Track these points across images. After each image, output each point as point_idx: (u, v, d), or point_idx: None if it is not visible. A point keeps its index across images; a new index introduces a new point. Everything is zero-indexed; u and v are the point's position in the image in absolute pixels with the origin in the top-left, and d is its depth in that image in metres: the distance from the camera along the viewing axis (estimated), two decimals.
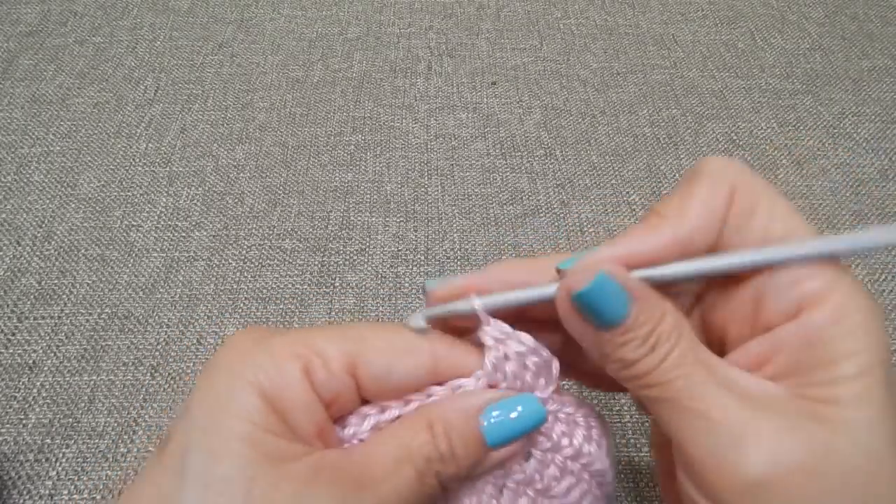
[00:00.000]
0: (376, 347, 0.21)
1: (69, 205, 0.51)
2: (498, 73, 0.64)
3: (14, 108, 0.59)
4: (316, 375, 0.20)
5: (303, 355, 0.20)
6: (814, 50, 0.67)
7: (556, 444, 0.24)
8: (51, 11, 0.69)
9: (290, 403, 0.20)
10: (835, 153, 0.57)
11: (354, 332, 0.22)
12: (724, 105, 0.61)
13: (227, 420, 0.19)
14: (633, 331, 0.21)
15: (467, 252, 0.49)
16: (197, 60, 0.65)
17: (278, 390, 0.19)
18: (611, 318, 0.21)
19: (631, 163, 0.56)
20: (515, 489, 0.24)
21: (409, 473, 0.20)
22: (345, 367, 0.21)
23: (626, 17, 0.71)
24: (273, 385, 0.19)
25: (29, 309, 0.45)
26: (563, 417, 0.24)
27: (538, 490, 0.24)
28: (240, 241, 0.49)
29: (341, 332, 0.22)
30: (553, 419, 0.24)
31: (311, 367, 0.20)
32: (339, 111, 0.60)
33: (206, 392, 0.20)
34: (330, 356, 0.21)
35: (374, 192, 0.53)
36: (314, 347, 0.21)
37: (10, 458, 0.38)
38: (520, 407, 0.22)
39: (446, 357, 0.22)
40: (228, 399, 0.19)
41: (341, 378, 0.21)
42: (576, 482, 0.25)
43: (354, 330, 0.22)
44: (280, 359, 0.20)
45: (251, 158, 0.55)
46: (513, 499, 0.24)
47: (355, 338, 0.21)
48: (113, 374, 0.42)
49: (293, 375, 0.20)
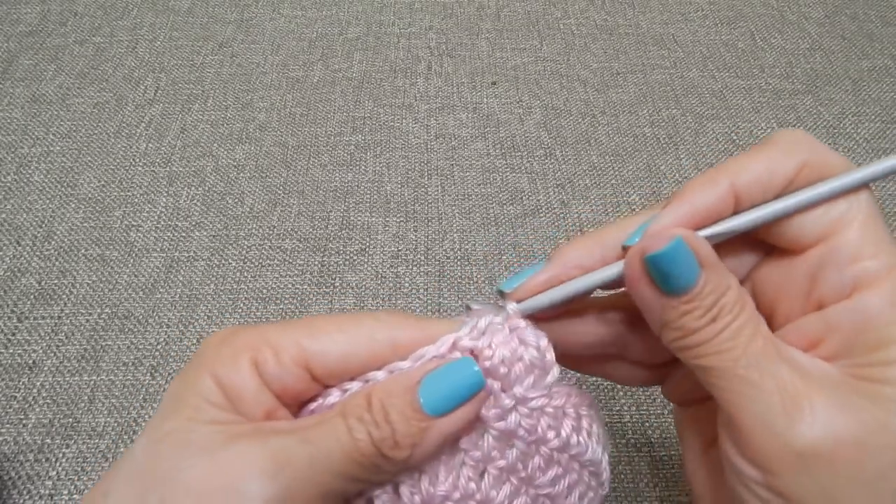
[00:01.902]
0: (332, 338, 0.22)
1: (69, 205, 0.51)
2: (498, 73, 0.64)
3: (14, 108, 0.59)
4: (265, 367, 0.22)
5: (255, 347, 0.22)
6: (814, 50, 0.67)
7: (541, 438, 0.24)
8: (51, 11, 0.69)
9: (240, 389, 0.21)
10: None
11: (310, 324, 0.23)
12: (724, 105, 0.61)
13: (185, 395, 0.21)
14: (698, 299, 0.21)
15: (467, 252, 0.49)
16: (197, 60, 0.65)
17: (229, 378, 0.21)
18: (680, 284, 0.21)
19: (631, 163, 0.56)
20: (498, 475, 0.24)
21: (340, 427, 0.21)
22: (295, 359, 0.22)
23: (626, 17, 0.71)
24: (226, 373, 0.21)
25: (29, 309, 0.45)
26: (549, 411, 0.25)
27: (522, 478, 0.24)
28: (240, 241, 0.49)
29: (298, 324, 0.23)
30: (538, 413, 0.24)
31: (260, 359, 0.22)
32: (339, 111, 0.60)
33: (177, 379, 0.22)
34: (282, 348, 0.22)
35: (374, 192, 0.53)
36: (268, 340, 0.22)
37: (10, 458, 0.38)
38: (455, 372, 0.22)
39: (408, 345, 0.23)
40: (191, 382, 0.21)
41: (291, 369, 0.22)
42: (563, 472, 0.25)
43: (313, 321, 0.23)
44: (236, 351, 0.22)
45: (251, 158, 0.55)
46: (495, 485, 0.24)
47: (311, 331, 0.22)
48: (113, 374, 0.42)
49: (243, 366, 0.21)
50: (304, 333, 0.22)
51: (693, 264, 0.21)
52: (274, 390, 0.22)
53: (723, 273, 0.22)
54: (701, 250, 0.22)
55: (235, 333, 0.23)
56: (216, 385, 0.21)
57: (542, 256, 0.49)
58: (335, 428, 0.21)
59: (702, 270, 0.21)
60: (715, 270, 0.22)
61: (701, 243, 0.22)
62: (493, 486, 0.24)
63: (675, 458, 0.39)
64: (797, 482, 0.20)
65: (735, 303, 0.22)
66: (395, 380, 0.22)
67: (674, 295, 0.22)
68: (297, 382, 0.22)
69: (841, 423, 0.20)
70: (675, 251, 0.21)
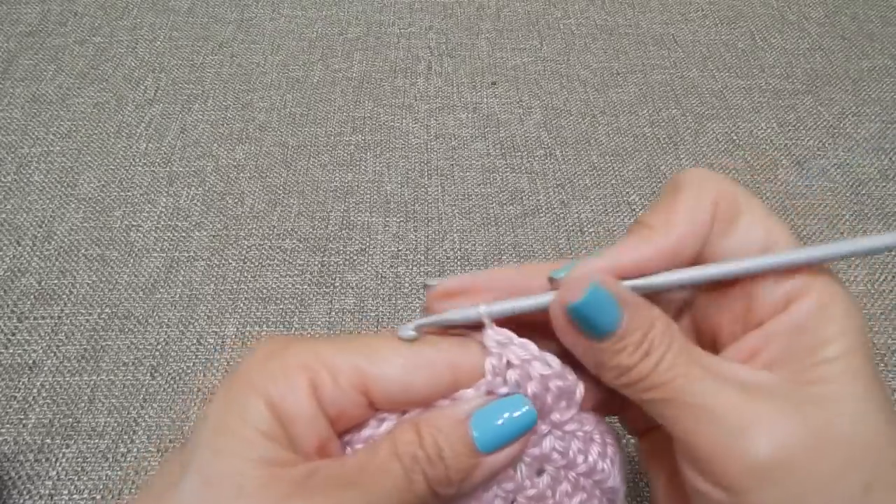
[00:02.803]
0: (390, 363, 0.21)
1: (69, 205, 0.51)
2: (498, 73, 0.64)
3: (14, 108, 0.59)
4: (323, 390, 0.21)
5: (312, 368, 0.21)
6: (814, 50, 0.67)
7: (571, 462, 0.24)
8: (51, 11, 0.69)
9: (295, 415, 0.20)
10: (835, 153, 0.57)
11: (368, 345, 0.22)
12: (724, 105, 0.61)
13: (234, 424, 0.20)
14: (625, 338, 0.21)
15: (467, 252, 0.49)
16: (197, 60, 0.65)
17: (284, 401, 0.20)
18: (604, 328, 0.21)
19: (631, 163, 0.56)
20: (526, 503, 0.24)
21: (396, 471, 0.20)
22: (353, 383, 0.21)
23: (626, 17, 0.71)
24: (280, 396, 0.20)
25: (29, 309, 0.45)
26: (580, 435, 0.24)
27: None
28: (240, 241, 0.49)
29: (355, 344, 0.22)
30: (570, 437, 0.24)
31: (318, 381, 0.20)
32: (339, 111, 0.60)
33: (221, 397, 0.21)
34: (339, 370, 0.21)
35: (374, 192, 0.53)
36: (325, 361, 0.21)
37: (10, 458, 0.38)
38: (509, 411, 0.22)
39: (469, 369, 0.22)
40: (238, 405, 0.20)
41: (349, 394, 0.21)
42: (588, 498, 0.25)
43: (369, 342, 0.22)
44: (290, 371, 0.20)
45: (251, 158, 0.55)
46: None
47: (368, 352, 0.21)
48: (113, 374, 0.42)
49: (300, 388, 0.20)
50: (362, 356, 0.21)
51: (613, 307, 0.21)
52: (330, 417, 0.21)
53: (644, 308, 0.22)
54: (618, 292, 0.22)
55: (285, 348, 0.21)
56: (268, 409, 0.20)
57: (543, 256, 0.49)
58: (392, 472, 0.20)
59: (622, 311, 0.21)
60: (636, 308, 0.22)
61: (616, 285, 0.22)
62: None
63: None
64: (763, 496, 0.20)
65: (664, 334, 0.22)
66: (444, 413, 0.22)
67: (601, 339, 0.22)
68: (356, 408, 0.21)
69: (789, 431, 0.20)
70: (593, 298, 0.21)
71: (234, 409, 0.20)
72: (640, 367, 0.21)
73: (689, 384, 0.21)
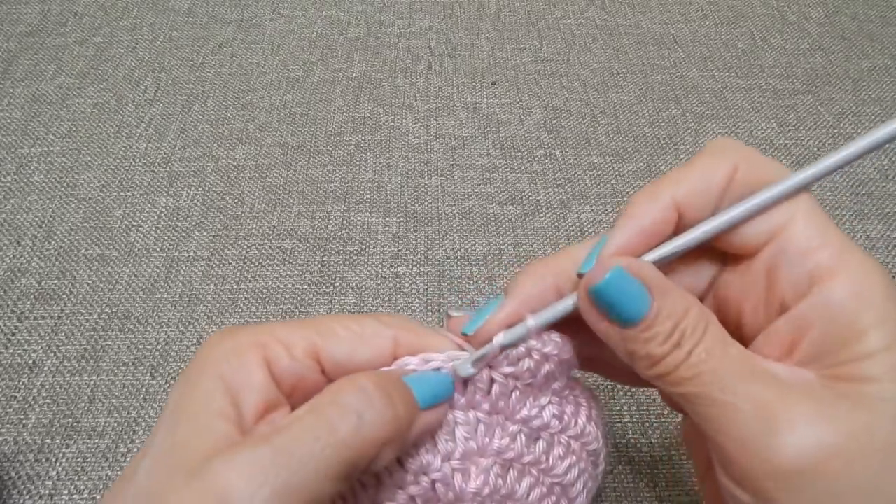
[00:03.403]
0: (339, 336, 0.22)
1: (69, 205, 0.51)
2: (498, 73, 0.64)
3: (14, 108, 0.59)
4: (278, 362, 0.21)
5: (264, 343, 0.21)
6: (814, 50, 0.67)
7: (565, 425, 0.25)
8: (51, 11, 0.69)
9: (244, 386, 0.21)
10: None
11: (318, 322, 0.23)
12: (724, 105, 0.61)
13: (187, 404, 0.20)
14: (655, 326, 0.21)
15: (467, 252, 0.49)
16: (197, 60, 0.65)
17: (235, 378, 0.21)
18: (631, 314, 0.21)
19: (631, 163, 0.56)
20: (522, 469, 0.25)
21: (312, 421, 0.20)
22: (307, 352, 0.22)
23: (626, 17, 0.71)
24: (232, 370, 0.21)
25: (29, 309, 0.45)
26: (571, 399, 0.26)
27: (542, 469, 0.25)
28: (240, 241, 0.49)
29: (306, 322, 0.23)
30: (565, 402, 0.25)
31: (272, 355, 0.21)
32: (339, 111, 0.60)
33: (180, 381, 0.21)
34: (293, 344, 0.22)
35: (374, 192, 0.53)
36: (278, 337, 0.22)
37: (10, 458, 0.38)
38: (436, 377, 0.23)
39: (409, 344, 0.23)
40: (193, 387, 0.21)
41: (304, 361, 0.22)
42: (576, 461, 0.26)
43: (319, 320, 0.23)
44: (242, 348, 0.21)
45: (251, 158, 0.55)
46: (518, 477, 0.25)
47: (318, 327, 0.23)
48: (113, 374, 0.42)
49: (252, 361, 0.21)
50: (312, 331, 0.22)
51: (640, 292, 0.21)
52: (289, 384, 0.22)
53: (677, 296, 0.21)
54: (648, 276, 0.21)
55: (237, 332, 0.22)
56: (223, 387, 0.20)
57: (541, 256, 0.49)
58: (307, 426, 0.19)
59: (652, 297, 0.21)
60: (667, 295, 0.21)
61: (646, 269, 0.21)
62: (516, 480, 0.25)
63: (675, 458, 0.39)
64: (789, 502, 0.19)
65: (697, 325, 0.21)
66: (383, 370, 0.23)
67: (629, 326, 0.21)
68: (312, 374, 0.22)
69: (823, 434, 0.19)
70: (616, 282, 0.21)
71: (189, 391, 0.21)
72: (671, 357, 0.21)
73: (719, 379, 0.20)
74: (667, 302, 0.21)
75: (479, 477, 0.24)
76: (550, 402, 0.25)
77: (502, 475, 0.24)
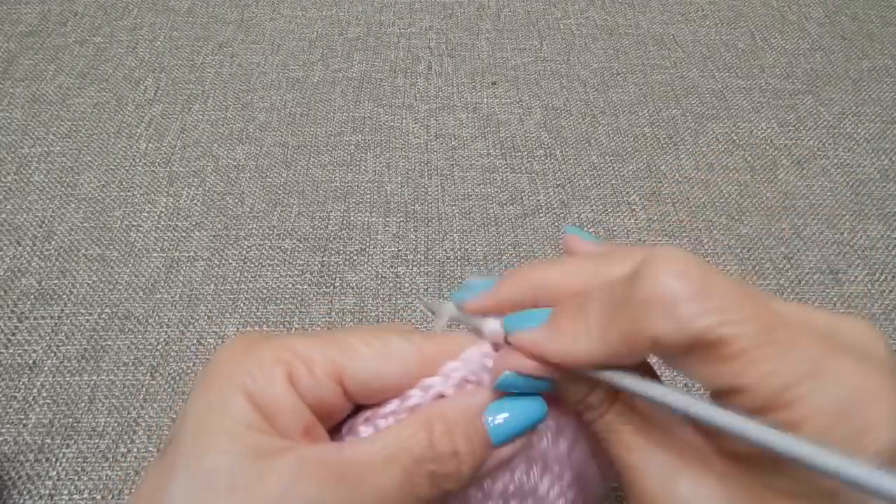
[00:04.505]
0: (362, 354, 0.22)
1: (69, 205, 0.51)
2: (498, 73, 0.64)
3: (14, 108, 0.59)
4: (300, 381, 0.21)
5: (287, 361, 0.21)
6: (814, 50, 0.67)
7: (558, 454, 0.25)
8: (51, 11, 0.69)
9: (276, 406, 0.20)
10: (835, 153, 0.57)
11: (339, 339, 0.22)
12: (724, 105, 0.61)
13: (216, 419, 0.19)
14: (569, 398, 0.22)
15: (467, 252, 0.49)
16: (197, 60, 0.65)
17: (265, 394, 0.20)
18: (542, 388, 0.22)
19: (631, 163, 0.56)
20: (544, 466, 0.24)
21: (395, 473, 0.20)
22: (329, 373, 0.21)
23: (626, 17, 0.71)
24: (259, 388, 0.20)
25: (29, 309, 0.45)
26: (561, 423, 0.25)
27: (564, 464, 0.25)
28: (240, 241, 0.49)
29: (326, 338, 0.22)
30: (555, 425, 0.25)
31: (294, 372, 0.21)
32: (339, 111, 0.60)
33: (199, 395, 0.20)
34: (314, 362, 0.21)
35: (374, 192, 0.53)
36: (300, 354, 0.21)
37: (10, 458, 0.38)
38: (522, 403, 0.22)
39: (432, 355, 0.23)
40: (218, 401, 0.20)
41: (325, 383, 0.21)
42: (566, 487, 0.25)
43: (340, 336, 0.22)
44: (266, 364, 0.20)
45: (251, 158, 0.55)
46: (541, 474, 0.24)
47: (340, 345, 0.22)
48: (113, 374, 0.42)
49: (278, 380, 0.20)
50: (333, 347, 0.21)
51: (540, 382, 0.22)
52: (309, 406, 0.21)
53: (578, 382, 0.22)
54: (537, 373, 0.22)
55: (257, 344, 0.21)
56: (249, 403, 0.20)
57: (540, 256, 0.49)
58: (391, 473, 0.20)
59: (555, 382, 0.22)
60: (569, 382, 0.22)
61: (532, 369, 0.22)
62: (540, 477, 0.24)
63: None
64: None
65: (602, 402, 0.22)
66: (458, 407, 0.22)
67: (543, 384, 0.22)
68: (333, 397, 0.21)
69: None
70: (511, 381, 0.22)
71: (215, 406, 0.20)
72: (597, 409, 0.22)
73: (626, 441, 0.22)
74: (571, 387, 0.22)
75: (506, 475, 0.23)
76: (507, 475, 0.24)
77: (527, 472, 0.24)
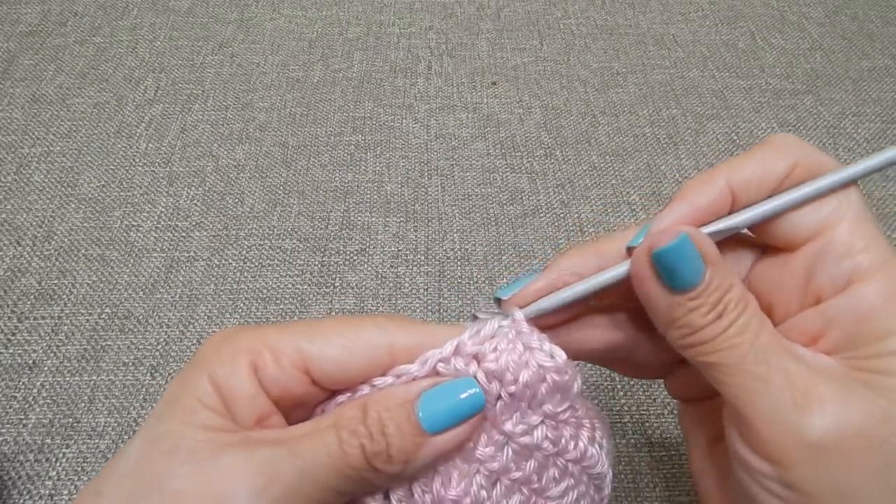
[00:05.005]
0: (330, 344, 0.22)
1: (69, 205, 0.51)
2: (498, 73, 0.64)
3: (14, 108, 0.59)
4: (265, 370, 0.22)
5: (256, 350, 0.22)
6: (814, 50, 0.67)
7: (562, 449, 0.24)
8: (51, 11, 0.69)
9: (235, 394, 0.21)
10: (835, 153, 0.57)
11: (313, 329, 0.23)
12: (724, 105, 0.61)
13: (181, 395, 0.21)
14: (704, 296, 0.22)
15: (467, 252, 0.49)
16: (197, 60, 0.65)
17: (227, 381, 0.21)
18: (686, 281, 0.22)
19: (631, 163, 0.56)
20: (510, 485, 0.24)
21: (330, 439, 0.21)
22: (295, 363, 0.22)
23: (626, 17, 0.71)
24: (224, 376, 0.21)
25: (29, 309, 0.45)
26: (572, 421, 0.25)
27: (534, 489, 0.24)
28: (240, 241, 0.49)
29: (300, 328, 0.23)
30: (563, 425, 0.24)
31: (260, 362, 0.22)
32: (339, 111, 0.60)
33: (178, 376, 0.22)
34: (282, 352, 0.22)
35: (374, 192, 0.53)
36: (269, 344, 0.22)
37: (10, 458, 0.38)
38: (457, 393, 0.22)
39: (406, 348, 0.23)
40: (189, 382, 0.22)
41: (290, 373, 0.22)
42: (574, 484, 0.25)
43: (315, 327, 0.23)
44: (235, 353, 0.22)
45: (251, 158, 0.55)
46: (506, 494, 0.24)
47: (311, 334, 0.22)
48: (113, 374, 0.42)
49: (241, 369, 0.21)
50: (304, 337, 0.22)
51: (698, 261, 0.22)
52: (274, 394, 0.22)
53: (726, 270, 0.22)
54: (705, 247, 0.22)
55: (236, 334, 0.22)
56: (212, 386, 0.21)
57: (543, 256, 0.49)
58: (325, 440, 0.21)
59: (707, 267, 0.22)
60: (719, 267, 0.22)
61: (705, 240, 0.22)
62: (503, 496, 0.24)
63: (675, 457, 0.39)
64: (809, 475, 0.20)
65: (740, 299, 0.22)
66: (393, 393, 0.22)
67: (680, 292, 0.22)
68: (298, 386, 0.22)
69: (849, 414, 0.20)
70: (681, 247, 0.22)
71: (184, 385, 0.22)
72: (711, 328, 0.22)
73: (753, 352, 0.21)
74: (717, 274, 0.22)
75: (461, 484, 0.23)
76: (543, 423, 0.24)
77: (487, 487, 0.23)
